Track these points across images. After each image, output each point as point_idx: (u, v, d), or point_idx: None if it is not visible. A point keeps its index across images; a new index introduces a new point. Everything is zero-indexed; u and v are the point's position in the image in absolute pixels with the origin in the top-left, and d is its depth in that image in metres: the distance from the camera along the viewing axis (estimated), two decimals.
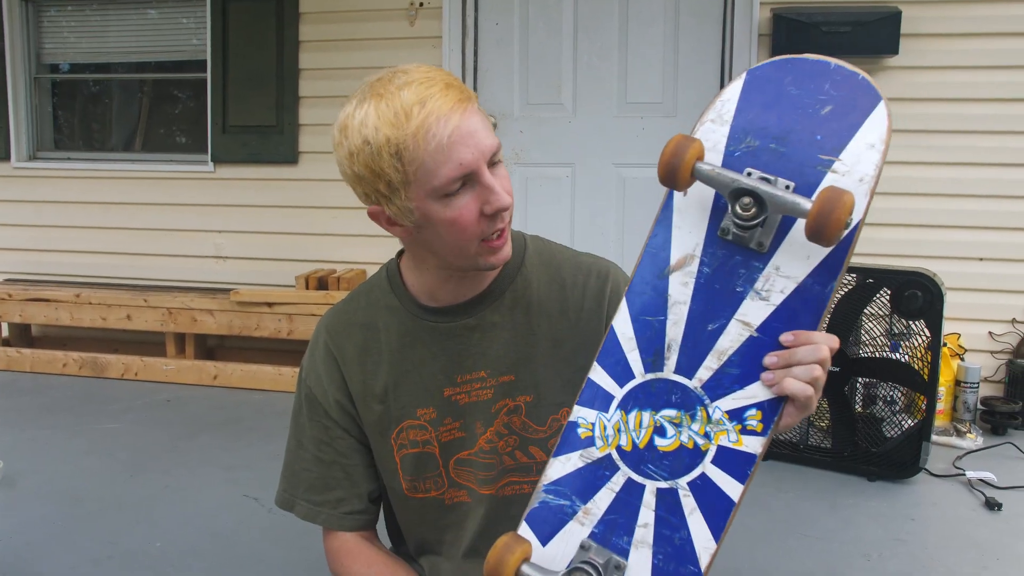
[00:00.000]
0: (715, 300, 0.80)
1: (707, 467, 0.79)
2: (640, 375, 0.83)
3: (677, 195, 0.84)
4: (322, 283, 3.55)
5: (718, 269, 0.80)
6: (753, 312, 0.79)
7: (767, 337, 0.78)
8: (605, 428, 0.83)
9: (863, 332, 2.65)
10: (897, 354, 2.64)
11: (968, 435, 2.96)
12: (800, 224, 0.77)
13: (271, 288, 3.77)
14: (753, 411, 0.78)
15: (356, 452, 1.08)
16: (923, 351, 2.57)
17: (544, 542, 0.83)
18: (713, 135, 0.82)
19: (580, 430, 0.84)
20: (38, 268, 4.20)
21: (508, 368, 1.02)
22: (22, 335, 4.03)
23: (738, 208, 0.77)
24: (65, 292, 3.80)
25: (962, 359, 3.23)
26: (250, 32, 3.81)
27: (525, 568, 0.78)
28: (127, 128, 4.43)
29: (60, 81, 4.38)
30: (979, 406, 3.14)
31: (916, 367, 2.57)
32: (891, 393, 2.67)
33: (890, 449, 2.59)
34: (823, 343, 0.77)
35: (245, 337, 3.68)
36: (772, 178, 0.78)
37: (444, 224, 0.89)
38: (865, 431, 2.63)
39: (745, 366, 0.79)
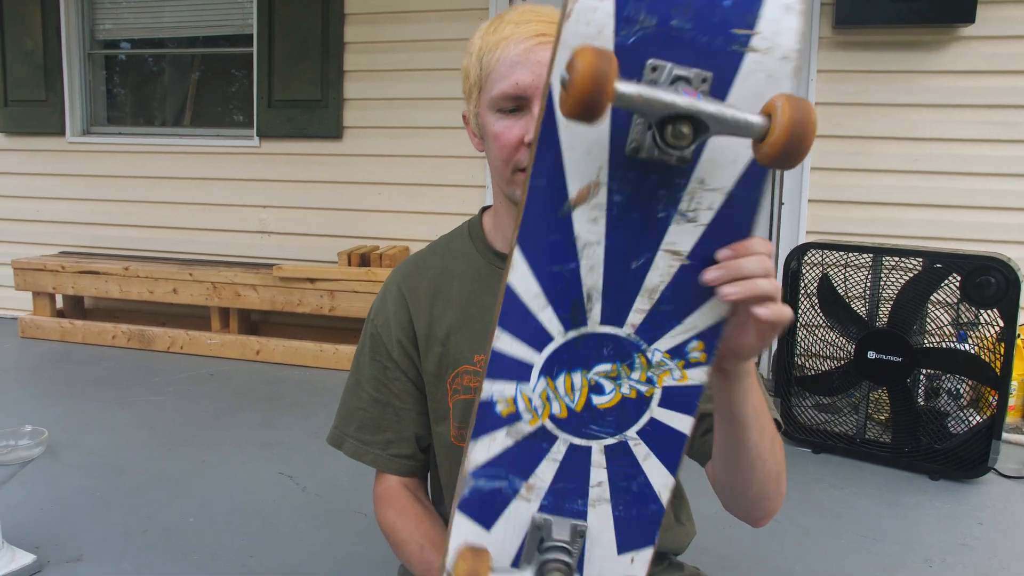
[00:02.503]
0: (634, 232, 0.67)
1: (655, 411, 0.72)
2: (560, 334, 0.71)
3: (558, 111, 0.64)
4: (364, 260, 3.52)
5: (632, 195, 0.66)
6: (681, 238, 0.67)
7: (700, 263, 0.68)
8: (530, 400, 0.72)
9: (928, 320, 2.49)
10: (965, 345, 2.47)
11: None
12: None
13: (313, 264, 3.75)
14: (694, 342, 0.70)
15: (410, 396, 1.07)
16: (993, 342, 2.40)
17: (487, 526, 0.75)
18: (595, 16, 0.62)
19: (499, 408, 0.73)
20: (91, 241, 4.27)
21: None
22: (75, 307, 4.12)
23: (669, 135, 0.61)
24: (115, 265, 3.85)
25: None
26: (296, 5, 3.76)
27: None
28: (176, 103, 4.46)
29: (112, 57, 4.42)
30: None
31: (986, 359, 2.40)
32: (956, 386, 2.50)
33: (956, 446, 2.43)
34: (764, 252, 0.68)
35: (288, 313, 3.68)
36: (687, 71, 0.62)
37: (491, 138, 0.92)
38: (928, 426, 2.47)
39: (679, 300, 0.69)
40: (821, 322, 2.62)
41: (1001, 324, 2.37)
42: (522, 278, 0.69)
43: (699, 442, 0.99)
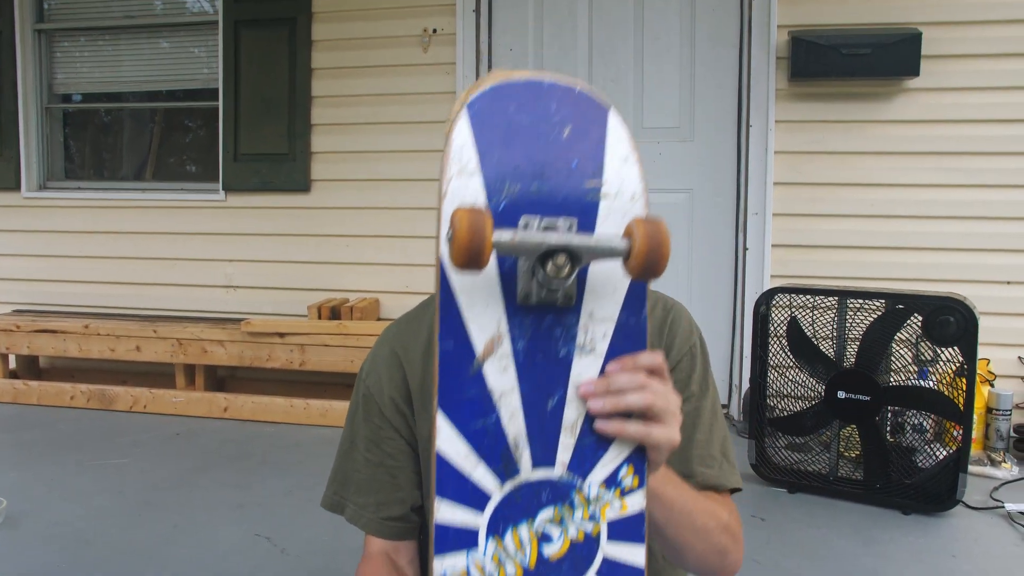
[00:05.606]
0: (543, 375, 0.72)
1: (606, 549, 0.72)
2: (497, 489, 0.72)
3: (453, 277, 0.73)
4: (335, 312, 3.49)
5: (532, 339, 0.72)
6: (586, 370, 0.73)
7: None
8: (484, 569, 0.72)
9: (893, 359, 2.57)
10: (926, 381, 2.56)
11: (1003, 464, 2.86)
12: (597, 264, 0.73)
13: (283, 318, 3.71)
14: (625, 468, 0.73)
15: (404, 455, 1.05)
16: (951, 378, 2.49)
17: None
18: (467, 191, 0.73)
19: None
20: (47, 299, 4.16)
21: None
22: (30, 367, 3.98)
23: (550, 269, 0.69)
24: (73, 323, 3.75)
25: (992, 385, 3.14)
26: (262, 59, 3.79)
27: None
28: (138, 157, 4.41)
29: (71, 110, 4.37)
30: (1012, 434, 3.04)
31: (948, 395, 2.48)
32: (920, 421, 2.58)
33: (925, 480, 2.49)
34: (644, 366, 0.73)
35: (256, 368, 3.61)
36: (554, 222, 0.72)
37: None
38: (898, 462, 2.54)
39: None
40: (791, 363, 2.69)
41: (961, 360, 2.46)
42: (450, 441, 0.71)
43: None
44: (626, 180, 0.74)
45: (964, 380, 2.45)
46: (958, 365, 2.46)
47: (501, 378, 0.72)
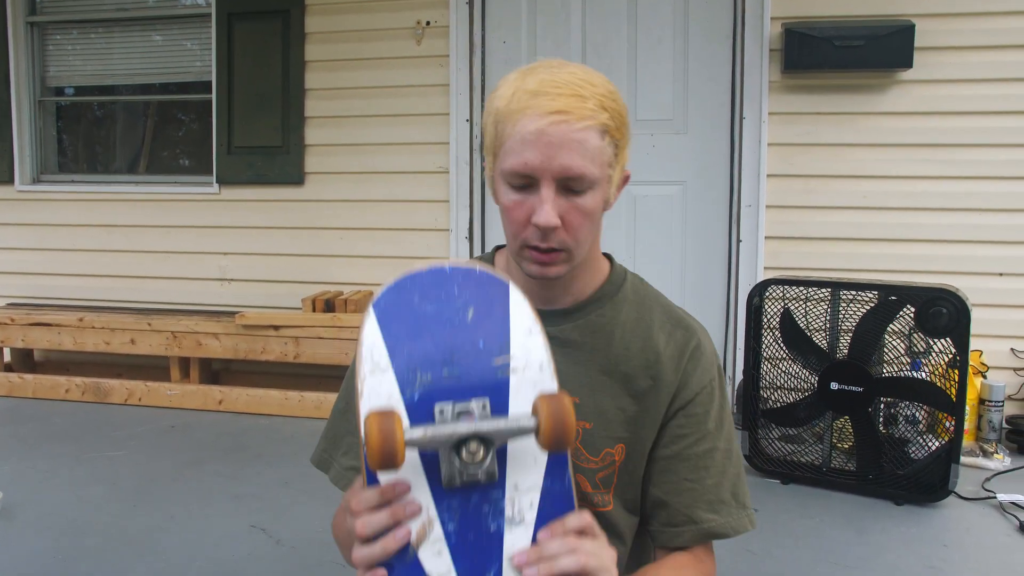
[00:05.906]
0: (477, 552, 0.74)
1: None
2: None
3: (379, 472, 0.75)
4: (329, 305, 3.49)
5: (462, 519, 0.74)
6: (518, 541, 0.75)
7: None
8: None
9: (886, 351, 2.58)
10: (918, 373, 2.57)
11: (995, 455, 2.88)
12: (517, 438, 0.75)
13: (277, 311, 3.71)
14: None
15: None
16: (944, 369, 2.50)
17: None
18: (382, 387, 0.75)
19: None
20: (41, 292, 4.15)
21: (574, 390, 0.98)
22: (24, 360, 3.97)
23: (465, 456, 0.72)
24: (68, 316, 3.74)
25: (984, 377, 3.15)
26: (256, 53, 3.78)
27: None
28: (132, 150, 4.40)
29: (65, 104, 4.35)
30: (1004, 425, 3.05)
31: (941, 386, 2.49)
32: (913, 412, 2.59)
33: (917, 471, 2.51)
34: (573, 528, 0.75)
35: (251, 361, 3.61)
36: (467, 405, 0.75)
37: (503, 207, 0.93)
38: (890, 453, 2.55)
39: None
40: (784, 355, 2.70)
41: (954, 352, 2.47)
42: None
43: (657, 532, 1.01)
44: (532, 351, 0.77)
45: (956, 371, 2.46)
46: (951, 356, 2.48)
47: (436, 561, 0.73)
